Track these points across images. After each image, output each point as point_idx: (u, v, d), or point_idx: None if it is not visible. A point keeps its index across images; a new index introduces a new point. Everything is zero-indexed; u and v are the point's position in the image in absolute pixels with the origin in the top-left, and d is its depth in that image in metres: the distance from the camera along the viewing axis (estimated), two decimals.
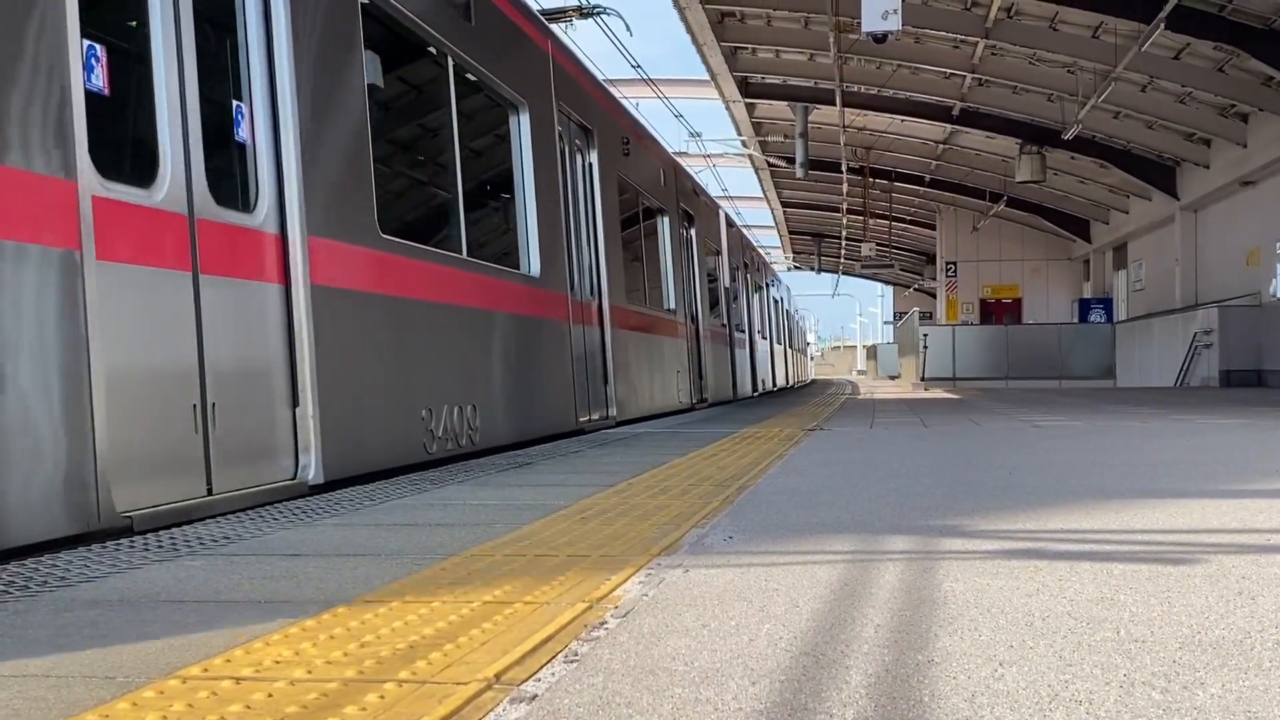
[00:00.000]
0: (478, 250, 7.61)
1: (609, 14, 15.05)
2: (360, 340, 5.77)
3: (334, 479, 5.33)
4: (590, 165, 10.59)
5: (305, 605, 2.45)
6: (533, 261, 8.59)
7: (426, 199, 7.67)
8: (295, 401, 5.15)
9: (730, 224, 21.05)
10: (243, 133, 5.02)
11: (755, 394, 22.86)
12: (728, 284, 19.94)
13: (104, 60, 4.19)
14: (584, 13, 14.88)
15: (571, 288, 9.50)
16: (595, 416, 10.14)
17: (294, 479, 5.15)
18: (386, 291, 6.06)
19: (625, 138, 11.97)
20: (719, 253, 18.99)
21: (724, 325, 19.16)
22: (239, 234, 4.91)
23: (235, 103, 4.99)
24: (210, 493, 4.55)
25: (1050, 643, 2.00)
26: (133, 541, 3.44)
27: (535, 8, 11.30)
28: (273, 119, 5.17)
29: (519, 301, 8.20)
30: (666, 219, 14.60)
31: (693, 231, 16.39)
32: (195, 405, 4.50)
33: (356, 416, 5.68)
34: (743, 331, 21.74)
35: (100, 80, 4.17)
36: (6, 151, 3.59)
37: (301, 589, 2.63)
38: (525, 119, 8.61)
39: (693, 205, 16.53)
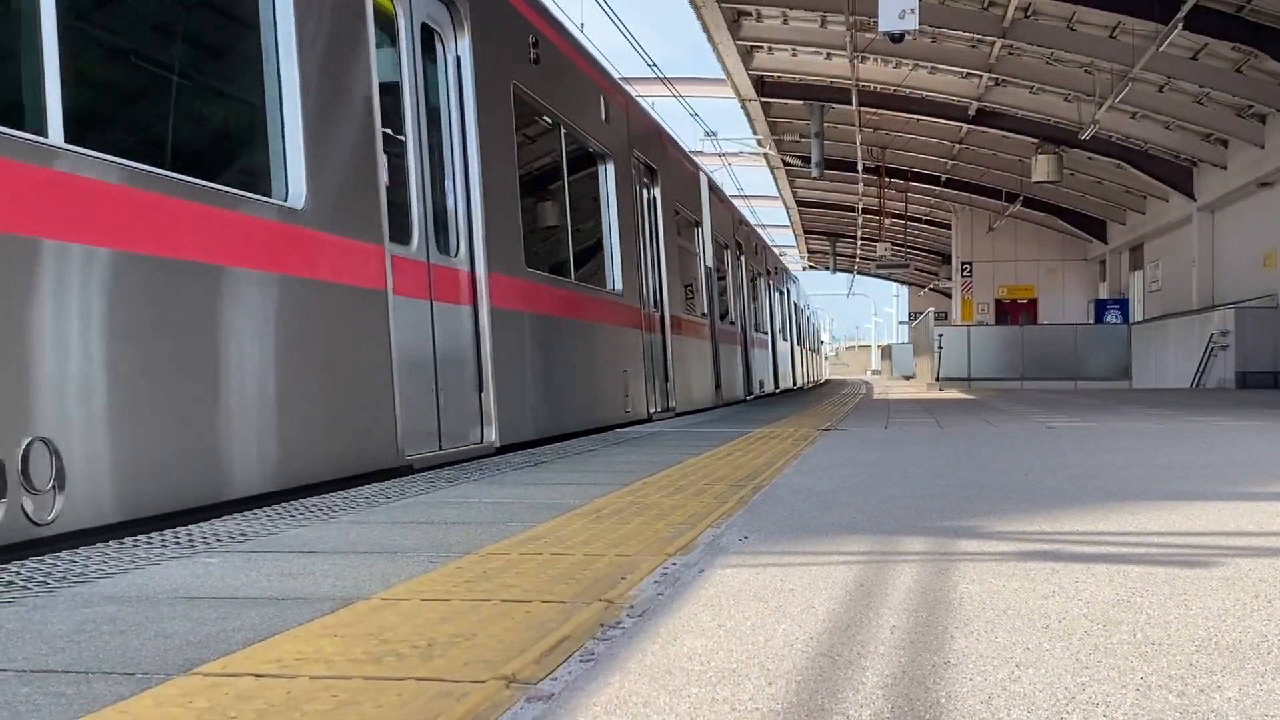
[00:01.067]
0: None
1: None
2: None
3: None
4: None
5: (323, 602, 2.46)
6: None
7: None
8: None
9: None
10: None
11: (749, 396, 19.89)
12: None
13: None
14: None
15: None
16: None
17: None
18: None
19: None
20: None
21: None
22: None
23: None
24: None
25: (1067, 645, 2.00)
26: (150, 538, 3.46)
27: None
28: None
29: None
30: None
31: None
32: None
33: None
34: (733, 324, 18.89)
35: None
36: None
37: (319, 586, 2.64)
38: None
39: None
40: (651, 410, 11.80)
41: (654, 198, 12.91)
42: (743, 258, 20.48)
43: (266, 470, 4.82)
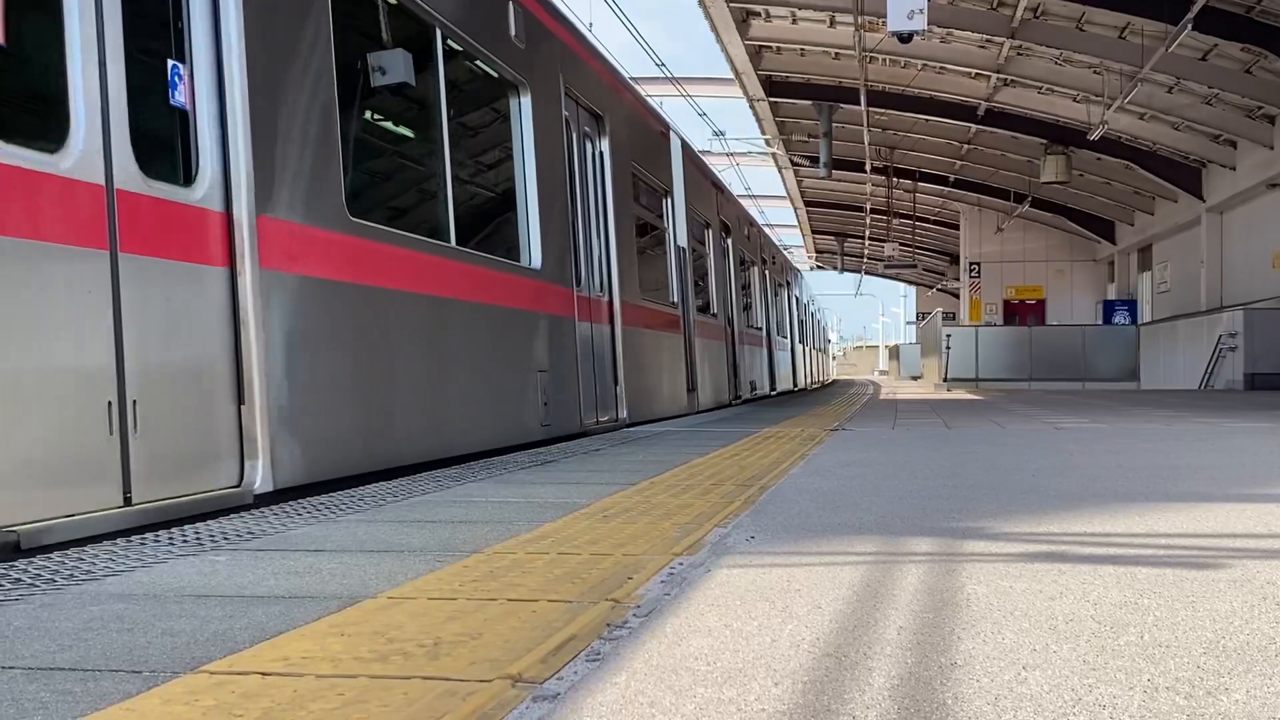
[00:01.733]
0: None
1: None
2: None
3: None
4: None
5: (329, 601, 2.46)
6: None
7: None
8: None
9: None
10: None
11: (737, 400, 17.42)
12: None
13: None
14: None
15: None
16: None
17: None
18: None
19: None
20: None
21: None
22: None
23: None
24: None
25: (1074, 646, 2.00)
26: (158, 536, 3.47)
27: None
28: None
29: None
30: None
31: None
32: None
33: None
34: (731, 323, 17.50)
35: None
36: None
37: (326, 584, 2.65)
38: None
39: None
40: (589, 421, 9.46)
41: (600, 153, 10.46)
42: (730, 240, 17.94)
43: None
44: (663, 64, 25.00)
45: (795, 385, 28.02)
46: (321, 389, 5.39)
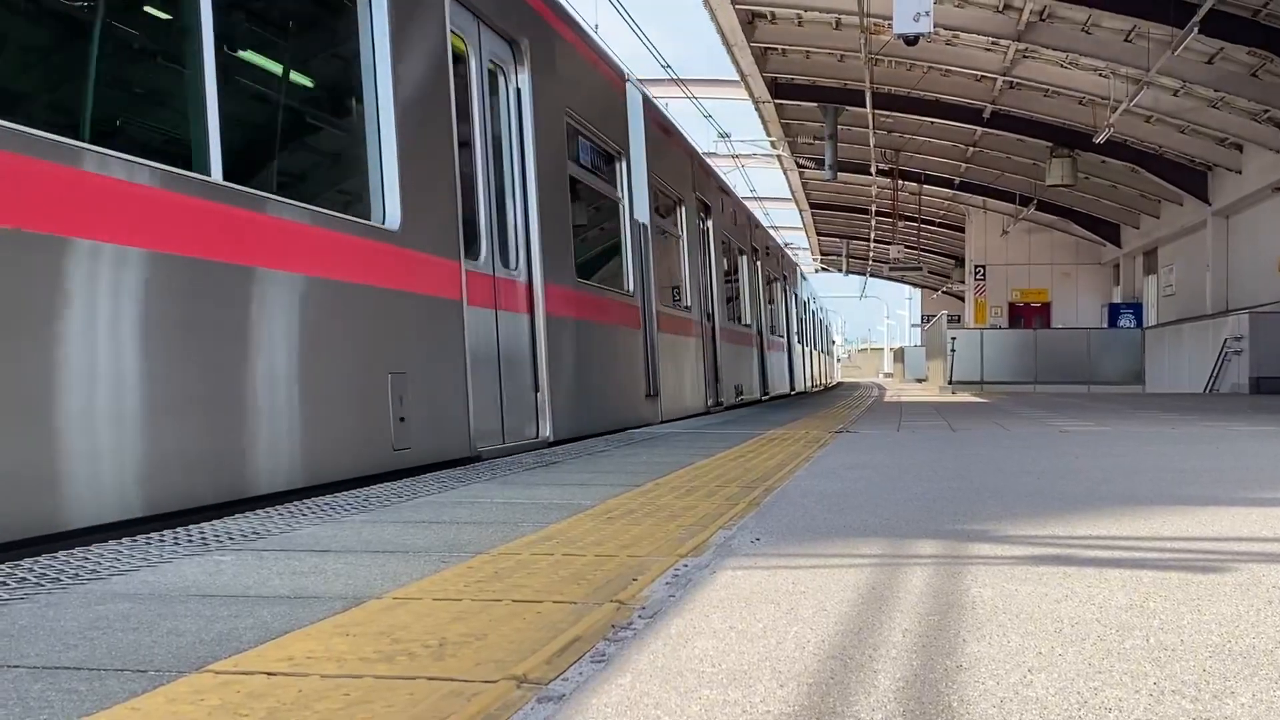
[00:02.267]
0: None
1: None
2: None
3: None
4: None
5: (334, 601, 2.46)
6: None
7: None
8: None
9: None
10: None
11: (716, 407, 15.20)
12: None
13: None
14: None
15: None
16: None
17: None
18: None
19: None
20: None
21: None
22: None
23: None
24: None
25: (1079, 650, 1.99)
26: (163, 535, 3.47)
27: None
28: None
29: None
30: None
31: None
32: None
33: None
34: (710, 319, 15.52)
35: None
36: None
37: (331, 585, 2.65)
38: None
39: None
40: (488, 442, 7.19)
41: (517, 89, 8.20)
42: (710, 222, 15.72)
43: None
44: (668, 65, 25.03)
45: (792, 389, 26.04)
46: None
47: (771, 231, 28.36)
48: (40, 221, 3.82)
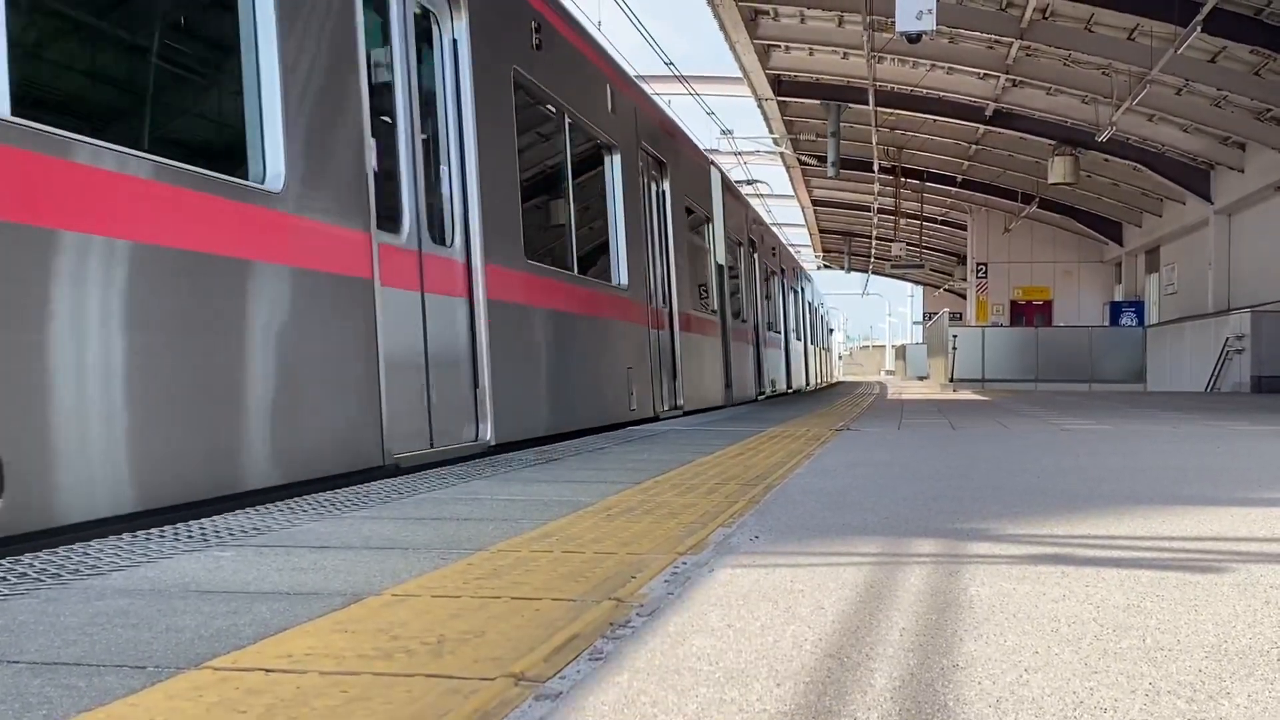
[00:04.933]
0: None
1: None
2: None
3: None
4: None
5: (333, 597, 2.47)
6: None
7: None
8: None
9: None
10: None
11: (676, 411, 12.75)
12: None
13: None
14: None
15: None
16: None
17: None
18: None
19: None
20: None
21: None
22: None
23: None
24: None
25: (1076, 649, 2.00)
26: (163, 531, 3.48)
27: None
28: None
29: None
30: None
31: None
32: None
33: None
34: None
35: None
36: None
37: (330, 581, 2.65)
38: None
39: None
40: (402, 448, 5.98)
41: (451, 41, 7.03)
42: (686, 194, 13.89)
43: None
44: (671, 62, 24.99)
45: (789, 387, 24.99)
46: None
47: (775, 230, 28.32)
48: None
